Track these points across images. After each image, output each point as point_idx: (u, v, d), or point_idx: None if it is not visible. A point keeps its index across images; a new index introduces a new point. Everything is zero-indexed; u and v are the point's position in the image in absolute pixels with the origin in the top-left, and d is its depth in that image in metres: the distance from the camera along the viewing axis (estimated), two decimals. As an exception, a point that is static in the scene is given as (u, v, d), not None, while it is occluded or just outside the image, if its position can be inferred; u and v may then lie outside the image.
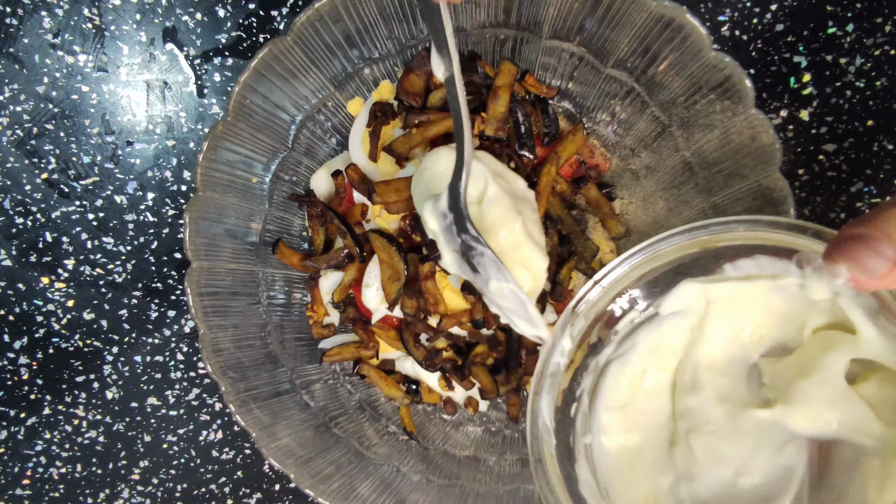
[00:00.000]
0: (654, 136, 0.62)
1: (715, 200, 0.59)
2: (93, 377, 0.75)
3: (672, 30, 0.54)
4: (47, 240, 0.72)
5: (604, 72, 0.61)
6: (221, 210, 0.61)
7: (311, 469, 0.60)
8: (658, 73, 0.58)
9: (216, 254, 0.61)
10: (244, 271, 0.64)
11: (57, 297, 0.73)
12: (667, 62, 0.57)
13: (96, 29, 0.68)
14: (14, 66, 0.68)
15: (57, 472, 0.77)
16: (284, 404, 0.64)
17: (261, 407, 0.61)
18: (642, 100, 0.61)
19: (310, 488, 0.59)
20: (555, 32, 0.60)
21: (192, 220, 0.58)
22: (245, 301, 0.64)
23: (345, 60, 0.62)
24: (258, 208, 0.64)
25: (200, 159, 0.58)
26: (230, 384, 0.60)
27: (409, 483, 0.64)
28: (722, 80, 0.54)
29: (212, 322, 0.60)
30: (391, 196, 0.60)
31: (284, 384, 0.65)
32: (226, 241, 0.62)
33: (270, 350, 0.65)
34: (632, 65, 0.59)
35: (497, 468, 0.66)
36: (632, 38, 0.57)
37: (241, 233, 0.63)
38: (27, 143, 0.70)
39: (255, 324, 0.64)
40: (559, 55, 0.62)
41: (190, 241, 0.58)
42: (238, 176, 0.61)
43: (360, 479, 0.62)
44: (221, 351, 0.60)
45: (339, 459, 0.63)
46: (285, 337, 0.67)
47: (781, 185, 0.54)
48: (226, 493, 0.78)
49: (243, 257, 0.64)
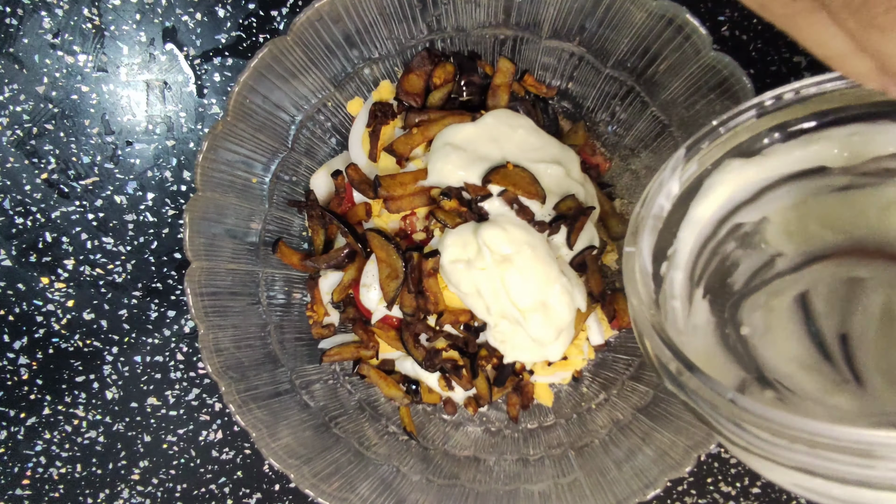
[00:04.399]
0: (654, 135, 0.62)
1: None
2: (93, 377, 0.75)
3: (672, 30, 0.54)
4: (47, 240, 0.72)
5: (604, 71, 0.61)
6: (221, 210, 0.61)
7: (311, 469, 0.60)
8: (658, 73, 0.58)
9: (216, 254, 0.61)
10: (244, 271, 0.64)
11: (57, 297, 0.73)
12: (667, 62, 0.57)
13: (96, 29, 0.68)
14: (14, 66, 0.68)
15: (57, 472, 0.77)
16: (284, 404, 0.64)
17: (261, 407, 0.61)
18: (642, 100, 0.61)
19: (310, 488, 0.59)
20: (555, 32, 0.60)
21: (191, 220, 0.58)
22: (245, 301, 0.64)
23: (344, 60, 0.62)
24: (258, 208, 0.64)
25: (200, 159, 0.58)
26: (230, 384, 0.60)
27: (409, 483, 0.64)
28: (722, 81, 0.54)
29: (211, 322, 0.60)
30: (397, 189, 0.60)
31: (284, 384, 0.65)
32: (225, 241, 0.62)
33: (270, 350, 0.65)
34: (632, 65, 0.59)
35: (497, 468, 0.66)
36: (632, 38, 0.57)
37: (241, 233, 0.63)
38: (27, 143, 0.70)
39: (254, 324, 0.64)
40: (559, 55, 0.62)
41: (190, 241, 0.58)
42: (238, 176, 0.61)
43: (359, 479, 0.62)
44: (221, 351, 0.60)
45: (338, 459, 0.63)
46: (285, 337, 0.67)
47: None
48: (226, 493, 0.78)
49: (243, 257, 0.64)
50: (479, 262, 0.58)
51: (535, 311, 0.59)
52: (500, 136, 0.60)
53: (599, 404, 0.68)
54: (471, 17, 0.61)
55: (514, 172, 0.58)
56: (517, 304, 0.58)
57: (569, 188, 0.61)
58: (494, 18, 0.61)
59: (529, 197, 0.58)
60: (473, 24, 0.61)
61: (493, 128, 0.60)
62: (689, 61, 0.55)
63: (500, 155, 0.59)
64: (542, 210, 0.59)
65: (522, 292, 0.58)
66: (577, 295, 0.61)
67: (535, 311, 0.59)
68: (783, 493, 0.78)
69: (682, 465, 0.57)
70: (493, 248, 0.57)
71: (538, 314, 0.59)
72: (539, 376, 0.68)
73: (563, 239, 0.61)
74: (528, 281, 0.58)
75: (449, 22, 0.61)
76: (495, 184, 0.58)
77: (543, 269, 0.58)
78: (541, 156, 0.60)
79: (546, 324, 0.59)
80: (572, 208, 0.60)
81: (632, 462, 0.60)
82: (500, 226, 0.58)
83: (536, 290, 0.58)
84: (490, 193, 0.59)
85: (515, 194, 0.58)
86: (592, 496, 0.60)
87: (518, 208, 0.59)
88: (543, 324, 0.59)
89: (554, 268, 0.59)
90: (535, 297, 0.58)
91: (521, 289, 0.58)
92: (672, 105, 0.59)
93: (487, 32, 0.62)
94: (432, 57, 0.63)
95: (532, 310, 0.58)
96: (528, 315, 0.59)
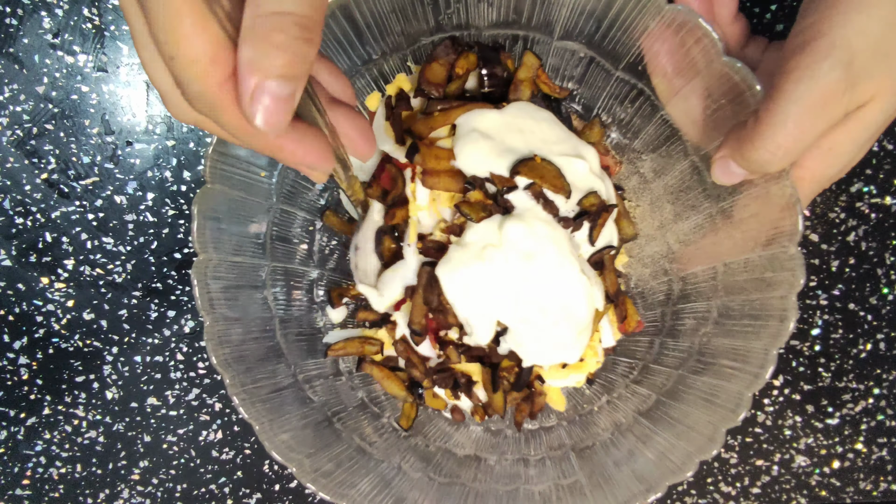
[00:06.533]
0: (664, 139, 0.62)
1: (723, 205, 0.59)
2: (93, 377, 0.75)
3: (684, 34, 0.53)
4: (47, 240, 0.72)
5: (614, 74, 0.61)
6: (229, 203, 0.60)
7: (313, 464, 0.60)
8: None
9: (222, 246, 0.61)
10: (249, 265, 0.64)
11: (57, 297, 0.73)
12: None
13: (96, 29, 0.68)
14: (14, 66, 0.68)
15: (57, 472, 0.77)
16: (287, 399, 0.63)
17: (264, 400, 0.61)
18: (652, 103, 0.61)
19: (311, 482, 0.59)
20: (566, 33, 0.60)
21: (199, 211, 0.58)
22: (250, 294, 0.64)
23: (355, 56, 0.62)
24: (265, 202, 0.64)
25: (210, 151, 0.57)
26: (234, 377, 0.59)
27: (410, 480, 0.64)
28: (733, 86, 0.53)
29: (217, 314, 0.59)
30: (431, 162, 0.59)
31: (287, 378, 0.65)
32: (232, 234, 0.62)
33: (274, 344, 0.65)
34: (642, 68, 0.58)
35: (497, 468, 0.66)
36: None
37: (247, 226, 0.63)
38: (27, 143, 0.70)
39: (259, 317, 0.64)
40: (569, 57, 0.62)
41: (198, 232, 0.58)
42: (246, 169, 0.61)
43: (360, 475, 0.62)
44: (226, 343, 0.60)
45: (340, 455, 0.63)
46: (289, 331, 0.67)
47: (790, 192, 0.53)
48: (226, 494, 0.78)
49: (249, 251, 0.63)
50: (498, 259, 0.57)
51: (556, 311, 0.58)
52: (525, 128, 0.59)
53: (601, 407, 0.68)
54: (483, 16, 0.60)
55: (541, 165, 0.57)
56: (538, 304, 0.58)
57: (591, 184, 0.60)
58: (507, 17, 0.60)
59: (555, 191, 0.58)
60: (485, 23, 0.61)
61: (519, 118, 0.59)
62: (700, 66, 0.54)
63: (525, 146, 0.58)
64: (565, 205, 0.59)
65: (544, 291, 0.57)
66: (597, 294, 0.60)
67: (555, 310, 0.58)
68: (783, 492, 0.78)
69: (684, 469, 0.56)
70: (517, 243, 0.56)
71: (559, 314, 0.58)
72: (553, 380, 0.67)
73: (584, 236, 0.60)
74: (551, 279, 0.57)
75: (460, 20, 0.61)
76: (523, 176, 0.57)
77: (566, 268, 0.57)
78: (564, 149, 0.59)
79: (566, 324, 0.58)
80: (595, 205, 0.59)
81: (633, 465, 0.60)
82: (524, 220, 0.57)
83: (558, 288, 0.57)
84: (516, 186, 0.58)
85: (542, 188, 0.57)
86: (593, 498, 0.60)
87: (544, 202, 0.58)
88: (564, 324, 0.58)
89: (576, 266, 0.58)
90: (557, 296, 0.57)
91: (543, 287, 0.57)
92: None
93: (499, 31, 0.62)
94: (456, 46, 0.62)
95: (553, 309, 0.58)
96: (548, 314, 0.58)
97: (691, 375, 0.61)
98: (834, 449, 0.76)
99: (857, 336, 0.74)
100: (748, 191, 0.56)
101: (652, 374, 0.66)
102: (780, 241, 0.54)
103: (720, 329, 0.60)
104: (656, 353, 0.66)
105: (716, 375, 0.59)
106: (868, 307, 0.73)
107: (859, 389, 0.75)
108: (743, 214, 0.57)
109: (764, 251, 0.55)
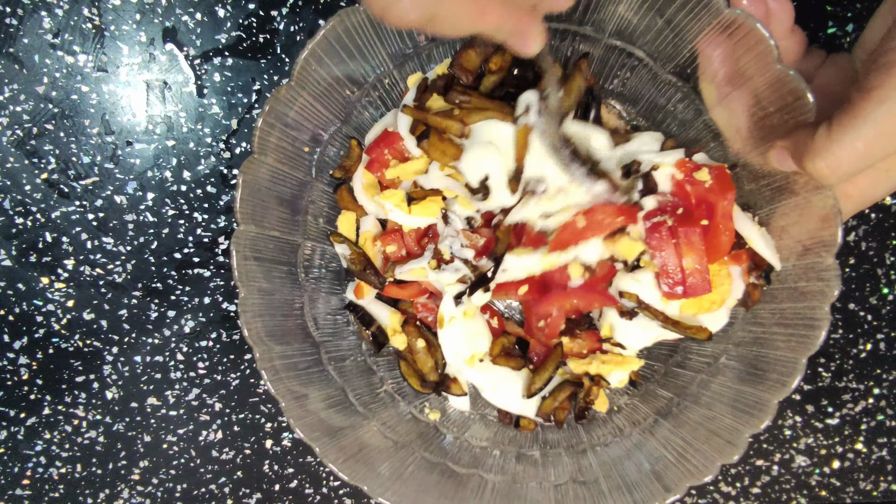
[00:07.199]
0: (704, 144, 0.61)
1: (760, 213, 0.58)
2: (93, 377, 0.75)
3: (741, 39, 0.51)
4: (47, 240, 0.72)
5: (661, 76, 0.60)
6: (272, 175, 0.60)
7: (336, 444, 0.60)
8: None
9: (262, 219, 0.61)
10: (286, 240, 0.64)
11: (57, 297, 0.73)
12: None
13: (96, 29, 0.68)
14: (14, 66, 0.68)
15: (57, 472, 0.77)
16: (313, 377, 0.64)
17: (291, 378, 0.61)
18: (696, 107, 0.59)
19: (333, 463, 0.59)
20: (618, 31, 0.59)
21: (245, 182, 0.58)
22: (285, 270, 0.64)
23: (409, 38, 0.61)
24: (305, 178, 0.64)
25: (260, 123, 0.57)
26: (264, 350, 0.59)
27: (429, 467, 0.64)
28: (784, 94, 0.51)
29: (252, 286, 0.59)
30: (436, 153, 0.60)
31: (315, 357, 0.65)
32: (273, 207, 0.62)
33: (303, 322, 0.65)
34: (691, 71, 0.57)
35: (515, 461, 0.67)
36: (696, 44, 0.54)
37: (287, 201, 0.63)
38: (27, 143, 0.70)
39: (291, 294, 0.64)
40: (618, 55, 0.61)
41: (241, 203, 0.58)
42: (292, 142, 0.61)
43: (380, 460, 0.62)
44: (259, 316, 0.60)
45: (361, 437, 0.63)
46: (318, 311, 0.67)
47: (832, 202, 0.51)
48: (226, 494, 0.78)
49: (286, 226, 0.64)
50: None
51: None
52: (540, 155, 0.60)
53: (620, 407, 0.68)
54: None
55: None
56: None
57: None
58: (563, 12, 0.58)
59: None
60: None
61: (536, 149, 0.60)
62: (753, 73, 0.52)
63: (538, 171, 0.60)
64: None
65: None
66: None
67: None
68: (783, 492, 0.78)
69: (704, 472, 0.56)
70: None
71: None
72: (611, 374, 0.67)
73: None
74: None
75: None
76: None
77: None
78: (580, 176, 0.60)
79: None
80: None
81: (652, 466, 0.60)
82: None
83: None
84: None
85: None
86: (611, 496, 0.60)
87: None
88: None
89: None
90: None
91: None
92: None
93: (549, 25, 0.59)
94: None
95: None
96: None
97: (715, 380, 0.61)
98: (834, 449, 0.76)
99: (857, 336, 0.74)
100: (788, 200, 0.55)
101: (674, 378, 0.66)
102: (816, 252, 0.53)
103: (748, 336, 0.60)
104: (680, 357, 0.67)
105: (741, 381, 0.59)
106: (868, 307, 0.73)
107: (859, 389, 0.75)
108: (781, 223, 0.56)
109: (798, 261, 0.55)
